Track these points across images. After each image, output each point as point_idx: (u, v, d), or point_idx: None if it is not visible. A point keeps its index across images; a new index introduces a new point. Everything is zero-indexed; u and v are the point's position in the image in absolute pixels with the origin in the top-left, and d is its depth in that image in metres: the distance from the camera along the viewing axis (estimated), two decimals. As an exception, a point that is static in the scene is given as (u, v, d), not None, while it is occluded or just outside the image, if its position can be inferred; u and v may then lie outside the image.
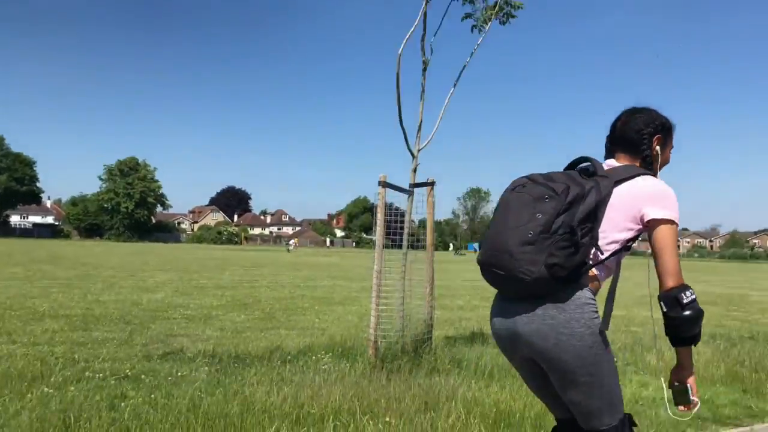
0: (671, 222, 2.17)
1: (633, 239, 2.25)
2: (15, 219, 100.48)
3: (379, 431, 3.92)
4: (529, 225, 2.02)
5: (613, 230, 2.20)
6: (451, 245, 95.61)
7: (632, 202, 2.19)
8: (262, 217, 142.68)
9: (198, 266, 26.22)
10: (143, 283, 16.03)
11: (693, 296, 2.14)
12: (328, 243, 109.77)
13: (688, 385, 2.26)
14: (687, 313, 2.12)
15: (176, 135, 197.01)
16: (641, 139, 2.37)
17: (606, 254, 2.18)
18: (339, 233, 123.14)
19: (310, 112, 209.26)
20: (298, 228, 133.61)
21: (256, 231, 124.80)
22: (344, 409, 4.20)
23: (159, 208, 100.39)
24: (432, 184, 5.96)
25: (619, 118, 2.46)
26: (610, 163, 2.38)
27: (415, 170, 5.95)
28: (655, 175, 2.36)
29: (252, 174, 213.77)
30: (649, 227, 2.20)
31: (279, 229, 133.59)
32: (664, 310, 2.15)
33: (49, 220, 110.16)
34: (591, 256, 2.12)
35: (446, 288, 18.37)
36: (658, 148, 2.39)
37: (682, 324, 2.15)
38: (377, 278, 5.60)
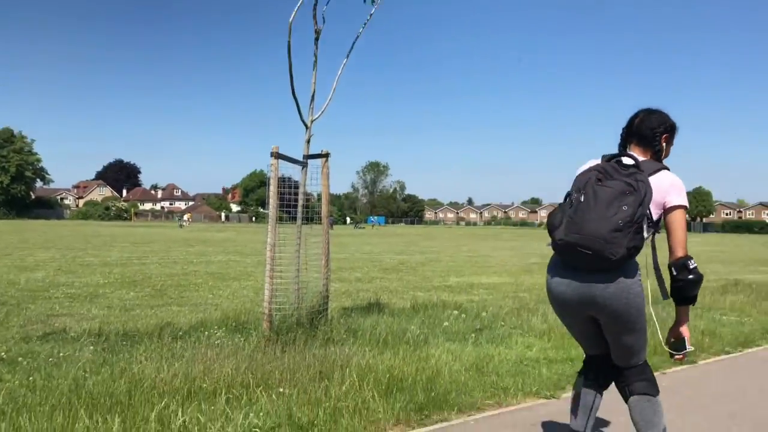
0: (684, 207, 2.81)
1: (660, 221, 2.84)
2: None
3: (272, 402, 3.91)
4: (618, 215, 2.59)
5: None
6: (348, 219, 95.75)
7: (660, 192, 2.76)
8: (152, 192, 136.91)
9: (83, 243, 24.85)
10: (21, 262, 15.01)
11: (696, 264, 2.77)
12: (223, 218, 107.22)
13: (685, 336, 2.88)
14: (691, 276, 2.75)
15: (57, 106, 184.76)
16: (654, 136, 2.95)
17: (648, 234, 2.76)
18: (235, 208, 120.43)
19: (202, 82, 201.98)
20: (191, 203, 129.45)
21: (147, 206, 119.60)
22: (237, 382, 4.15)
23: (39, 183, 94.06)
24: (326, 155, 5.93)
25: (637, 115, 3.01)
26: (635, 157, 2.84)
27: (308, 141, 5.89)
28: (668, 168, 2.90)
29: (141, 147, 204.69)
30: (667, 211, 2.80)
31: (171, 204, 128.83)
32: (674, 273, 2.77)
33: None
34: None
35: (345, 261, 18.48)
36: (664, 144, 2.98)
37: (687, 285, 2.77)
38: (271, 251, 5.53)
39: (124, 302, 8.55)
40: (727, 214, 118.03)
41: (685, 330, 2.89)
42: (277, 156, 5.49)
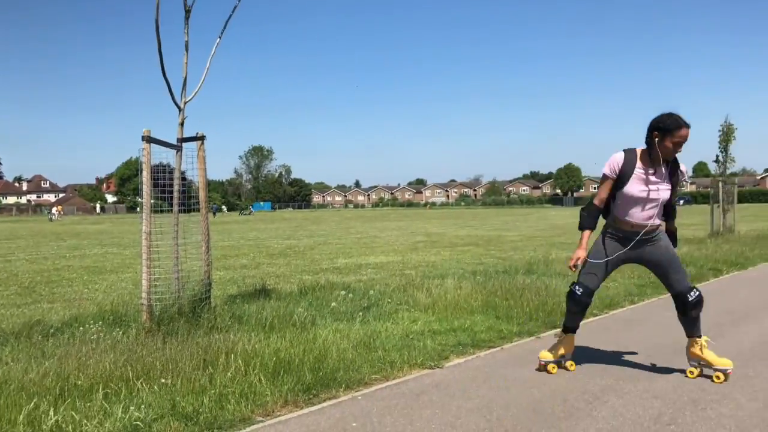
0: (603, 174, 4.32)
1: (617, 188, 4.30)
2: None
3: (154, 393, 3.78)
4: None
5: None
6: (224, 207, 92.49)
7: None
8: (16, 185, 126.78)
9: (-64, 243, 22.65)
10: None
11: (591, 204, 4.42)
12: (98, 209, 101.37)
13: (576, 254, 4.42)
14: (584, 212, 4.43)
15: None
16: (647, 131, 4.13)
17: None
18: (110, 198, 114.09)
19: (66, 66, 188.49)
20: (61, 195, 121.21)
21: (11, 200, 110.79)
22: (116, 376, 3.97)
23: None
24: (202, 138, 5.74)
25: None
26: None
27: (182, 124, 5.66)
28: (647, 152, 4.19)
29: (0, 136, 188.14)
30: None
31: (39, 196, 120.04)
32: (582, 208, 4.45)
33: None
34: None
35: (230, 248, 18.08)
36: (656, 140, 4.05)
37: (581, 217, 4.42)
38: (147, 240, 5.31)
39: (-14, 303, 7.90)
40: (595, 189, 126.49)
41: (577, 250, 4.41)
42: (149, 140, 5.25)
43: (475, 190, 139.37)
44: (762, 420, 3.43)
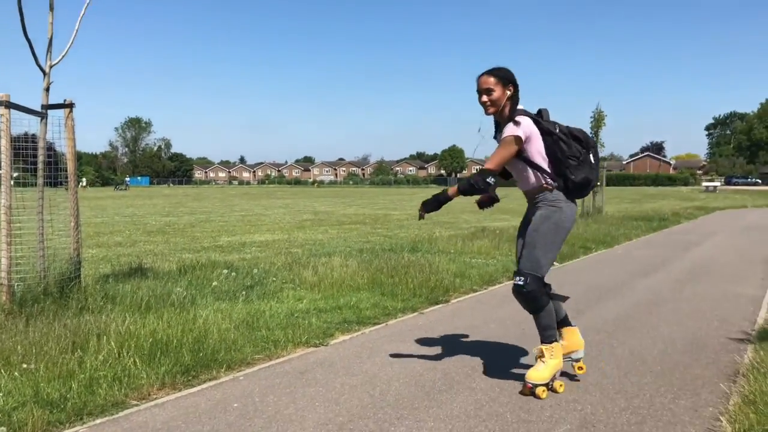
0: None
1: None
2: None
3: (15, 380, 3.49)
4: None
5: None
6: (84, 180, 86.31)
7: None
8: None
9: None
10: None
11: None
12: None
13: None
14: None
15: None
16: None
17: None
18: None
19: None
20: None
21: None
22: (-32, 364, 3.63)
23: None
24: (70, 105, 5.32)
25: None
26: None
27: (47, 90, 5.22)
28: None
29: None
30: None
31: None
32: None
33: None
34: None
35: (104, 225, 17.10)
36: None
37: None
38: (6, 215, 4.88)
39: None
40: (476, 170, 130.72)
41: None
42: (8, 105, 4.80)
43: (363, 169, 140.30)
44: (623, 386, 3.70)
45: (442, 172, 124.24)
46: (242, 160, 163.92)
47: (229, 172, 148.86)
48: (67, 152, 5.38)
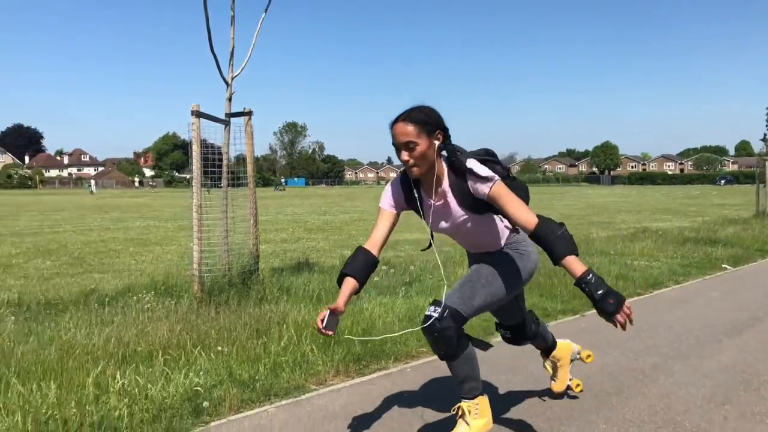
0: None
1: None
2: None
3: (211, 361, 3.91)
4: None
5: None
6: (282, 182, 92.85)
7: None
8: (58, 158, 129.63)
9: (-14, 214, 23.43)
10: None
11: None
12: (137, 183, 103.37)
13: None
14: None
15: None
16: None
17: None
18: (148, 172, 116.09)
19: (106, 40, 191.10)
20: (101, 168, 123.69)
21: (53, 173, 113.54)
22: (173, 344, 4.11)
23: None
24: (249, 113, 5.82)
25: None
26: None
27: (230, 99, 5.75)
28: None
29: (42, 111, 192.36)
30: None
31: (79, 170, 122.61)
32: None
33: None
34: None
35: (269, 223, 18.31)
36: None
37: None
38: (197, 213, 5.44)
39: (41, 271, 8.20)
40: (632, 167, 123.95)
41: None
42: (198, 115, 5.35)
43: (509, 167, 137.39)
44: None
45: (595, 169, 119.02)
46: (389, 160, 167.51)
47: (377, 172, 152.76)
48: (247, 156, 5.89)
